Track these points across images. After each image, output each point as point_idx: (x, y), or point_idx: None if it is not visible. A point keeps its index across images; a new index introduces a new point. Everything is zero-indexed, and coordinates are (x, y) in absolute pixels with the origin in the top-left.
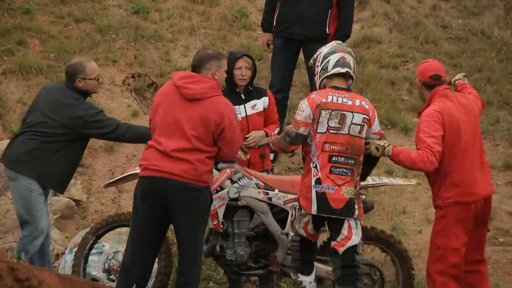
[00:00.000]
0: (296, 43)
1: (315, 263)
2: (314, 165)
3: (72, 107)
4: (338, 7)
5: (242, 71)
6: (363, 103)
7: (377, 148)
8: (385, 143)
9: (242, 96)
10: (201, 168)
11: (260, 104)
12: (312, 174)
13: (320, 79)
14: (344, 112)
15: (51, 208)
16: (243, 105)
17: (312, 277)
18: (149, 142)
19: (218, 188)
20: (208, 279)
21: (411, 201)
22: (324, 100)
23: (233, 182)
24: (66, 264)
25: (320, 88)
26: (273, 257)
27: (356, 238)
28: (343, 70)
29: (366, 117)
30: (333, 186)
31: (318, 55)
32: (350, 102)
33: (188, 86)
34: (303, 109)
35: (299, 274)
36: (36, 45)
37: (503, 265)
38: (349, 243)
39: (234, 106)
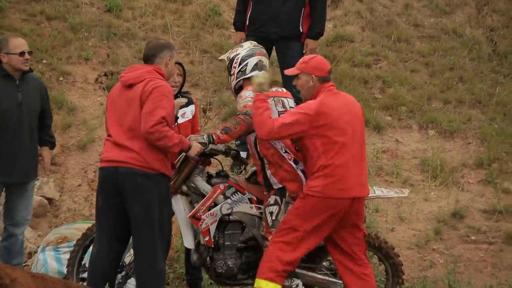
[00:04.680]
0: (269, 42)
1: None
2: (283, 150)
3: None
4: (311, 6)
5: (174, 78)
6: (284, 90)
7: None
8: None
9: None
10: (148, 156)
11: (189, 112)
12: (288, 158)
13: (237, 80)
14: (281, 98)
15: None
16: None
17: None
18: (106, 138)
19: (212, 205)
20: (181, 278)
21: (383, 199)
22: None
23: (226, 197)
24: (38, 262)
25: (235, 89)
26: None
27: None
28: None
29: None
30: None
31: (235, 56)
32: (280, 90)
33: (125, 75)
34: (252, 96)
35: (294, 279)
36: None
37: (475, 263)
38: None
39: None
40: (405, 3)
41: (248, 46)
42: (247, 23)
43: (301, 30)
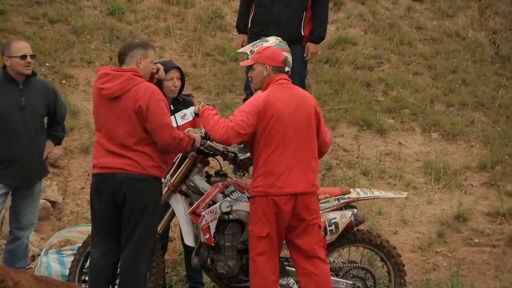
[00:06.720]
0: None
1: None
2: None
3: None
4: (312, 9)
5: (174, 82)
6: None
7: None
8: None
9: (171, 106)
10: (143, 162)
11: (189, 113)
12: None
13: None
14: None
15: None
16: (173, 116)
17: None
18: (96, 140)
19: (211, 202)
20: (184, 280)
21: (386, 202)
22: None
23: (225, 196)
24: (41, 265)
25: None
26: None
27: None
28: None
29: None
30: None
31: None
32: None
33: (105, 87)
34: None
35: (289, 277)
36: None
37: (478, 265)
38: None
39: None
40: (408, 6)
41: (273, 41)
42: (249, 26)
43: (303, 34)
